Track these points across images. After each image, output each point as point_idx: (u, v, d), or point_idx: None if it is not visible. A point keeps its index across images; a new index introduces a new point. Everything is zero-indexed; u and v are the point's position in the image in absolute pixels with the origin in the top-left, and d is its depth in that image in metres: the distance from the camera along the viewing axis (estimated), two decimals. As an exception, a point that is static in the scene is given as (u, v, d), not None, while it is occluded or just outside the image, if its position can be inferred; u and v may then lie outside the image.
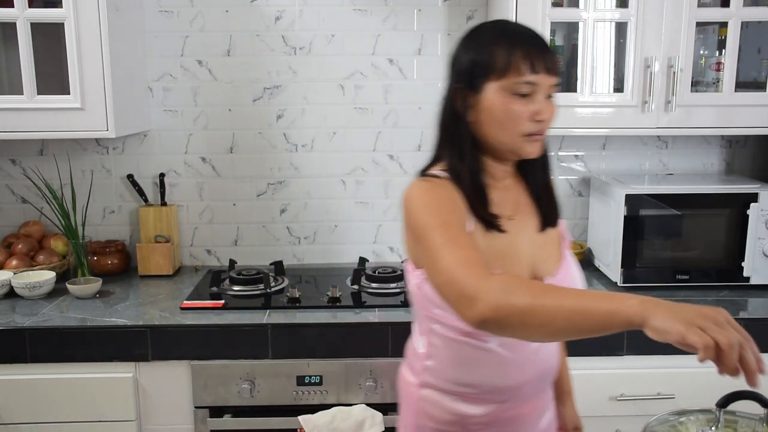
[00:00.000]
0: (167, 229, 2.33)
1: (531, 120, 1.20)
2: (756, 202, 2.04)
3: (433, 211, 1.17)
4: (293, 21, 2.31)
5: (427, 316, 1.30)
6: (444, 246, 1.09)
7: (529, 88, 1.18)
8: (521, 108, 1.19)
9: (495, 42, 1.20)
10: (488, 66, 1.20)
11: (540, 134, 1.22)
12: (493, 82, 1.19)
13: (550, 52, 1.20)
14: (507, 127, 1.20)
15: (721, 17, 2.01)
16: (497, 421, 1.31)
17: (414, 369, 1.37)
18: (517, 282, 1.00)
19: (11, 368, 1.85)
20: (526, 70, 1.17)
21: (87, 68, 1.97)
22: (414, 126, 2.38)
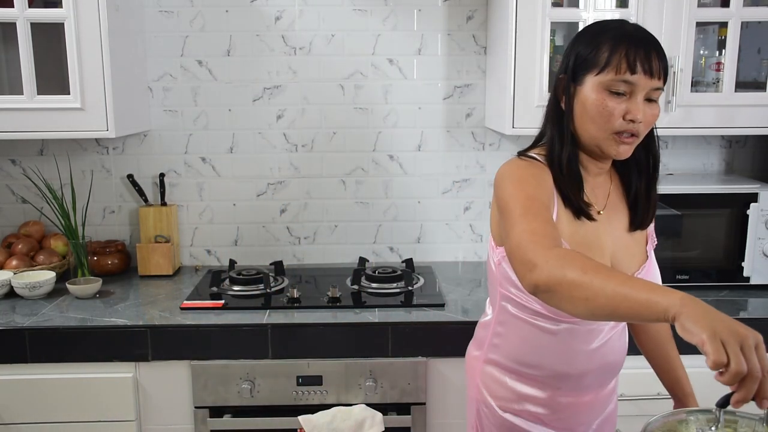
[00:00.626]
0: (167, 229, 2.33)
1: (623, 119, 1.21)
2: (756, 202, 2.04)
3: (521, 186, 1.21)
4: (293, 21, 2.31)
5: (502, 293, 1.34)
6: (522, 216, 1.13)
7: (626, 87, 1.20)
8: (614, 105, 1.20)
9: (602, 38, 1.22)
10: (590, 60, 1.22)
11: (632, 135, 1.22)
12: (593, 76, 1.22)
13: (656, 55, 1.20)
14: (597, 122, 1.22)
15: (721, 17, 2.01)
16: (555, 407, 1.35)
17: (481, 345, 1.43)
18: (575, 256, 1.02)
19: (11, 368, 1.85)
20: (625, 69, 1.19)
21: (87, 68, 1.97)
22: (414, 126, 2.39)
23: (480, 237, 2.47)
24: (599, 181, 1.34)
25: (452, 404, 1.91)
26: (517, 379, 1.36)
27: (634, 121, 1.20)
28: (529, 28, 1.97)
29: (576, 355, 1.31)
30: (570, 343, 1.30)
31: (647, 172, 1.34)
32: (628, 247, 1.34)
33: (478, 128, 2.39)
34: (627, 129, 1.21)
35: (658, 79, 1.20)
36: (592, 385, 1.36)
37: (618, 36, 1.21)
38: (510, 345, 1.36)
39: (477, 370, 1.43)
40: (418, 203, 2.44)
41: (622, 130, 1.21)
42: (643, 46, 1.19)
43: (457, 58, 2.35)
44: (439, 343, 1.87)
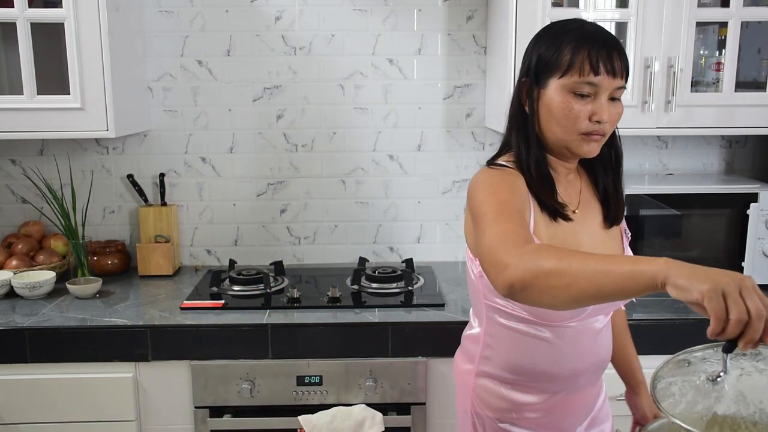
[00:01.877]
0: (167, 229, 2.33)
1: (589, 120, 1.21)
2: (756, 202, 2.04)
3: (493, 191, 1.19)
4: (293, 21, 2.31)
5: (488, 305, 1.34)
6: (493, 221, 1.10)
7: (590, 89, 1.20)
8: (580, 107, 1.21)
9: (563, 40, 1.22)
10: (552, 62, 1.22)
11: (598, 134, 1.23)
12: (556, 79, 1.22)
13: (617, 55, 1.20)
14: (564, 125, 1.22)
15: (721, 17, 2.01)
16: (551, 410, 1.35)
17: (471, 358, 1.42)
18: (547, 247, 1.00)
19: (11, 368, 1.85)
20: (588, 70, 1.19)
21: (87, 68, 1.97)
22: (414, 126, 2.39)
23: (480, 237, 2.46)
24: (569, 180, 1.34)
25: (452, 404, 1.90)
26: (513, 388, 1.35)
27: (600, 122, 1.21)
28: (529, 28, 1.97)
29: (569, 357, 1.31)
30: (561, 346, 1.30)
31: (612, 168, 1.35)
32: (605, 243, 1.34)
33: (478, 128, 2.39)
34: (593, 130, 1.21)
35: (620, 79, 1.21)
36: (585, 384, 1.37)
37: (579, 37, 1.21)
38: (502, 355, 1.35)
39: (469, 384, 1.41)
40: (418, 203, 2.44)
41: (589, 131, 1.22)
42: (605, 47, 1.19)
43: (457, 58, 2.35)
44: (439, 343, 1.87)
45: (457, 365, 1.48)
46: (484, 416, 1.39)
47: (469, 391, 1.41)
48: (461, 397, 1.46)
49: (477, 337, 1.40)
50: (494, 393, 1.37)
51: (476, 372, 1.40)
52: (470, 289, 1.40)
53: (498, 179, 1.24)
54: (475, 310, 1.42)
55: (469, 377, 1.42)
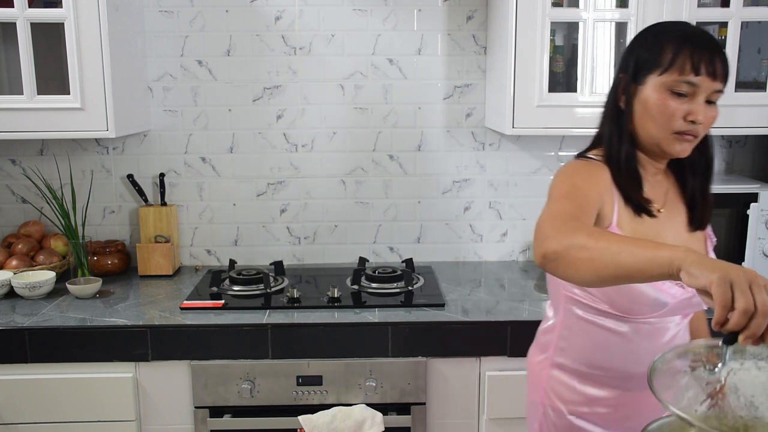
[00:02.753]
0: (167, 229, 2.33)
1: (684, 119, 1.22)
2: (756, 202, 2.03)
3: (567, 176, 1.25)
4: (293, 21, 2.31)
5: (567, 296, 1.35)
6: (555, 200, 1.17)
7: (688, 89, 1.21)
8: (677, 106, 1.22)
9: (666, 38, 1.23)
10: (653, 60, 1.23)
11: (691, 135, 1.23)
12: (655, 77, 1.23)
13: (719, 58, 1.21)
14: (659, 122, 1.24)
15: (721, 17, 2.01)
16: (621, 407, 1.35)
17: (545, 349, 1.43)
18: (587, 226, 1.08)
19: (11, 368, 1.85)
20: (689, 70, 1.20)
21: (87, 68, 1.97)
22: (414, 126, 2.39)
23: (480, 237, 2.47)
24: (657, 179, 1.35)
25: (452, 404, 1.92)
26: (585, 381, 1.36)
27: (695, 122, 1.22)
28: (529, 28, 1.97)
29: (644, 354, 1.32)
30: (637, 341, 1.31)
31: (702, 173, 1.36)
32: (689, 244, 1.34)
33: (478, 128, 2.39)
34: (688, 130, 1.23)
35: (720, 82, 1.21)
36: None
37: (682, 37, 1.22)
38: (577, 348, 1.36)
39: (542, 375, 1.43)
40: (418, 203, 2.44)
41: (682, 131, 1.23)
42: (707, 49, 1.20)
43: (457, 58, 2.35)
44: (439, 343, 1.87)
45: (530, 356, 1.50)
46: (555, 408, 1.40)
47: (541, 383, 1.42)
48: (533, 389, 1.46)
49: (552, 329, 1.41)
50: (567, 385, 1.38)
51: (550, 363, 1.41)
52: (549, 281, 1.41)
53: (580, 168, 1.28)
54: (553, 302, 1.42)
55: (542, 368, 1.43)
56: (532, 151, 2.41)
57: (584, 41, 2.01)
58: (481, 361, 1.89)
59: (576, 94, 2.04)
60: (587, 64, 2.02)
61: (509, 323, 1.87)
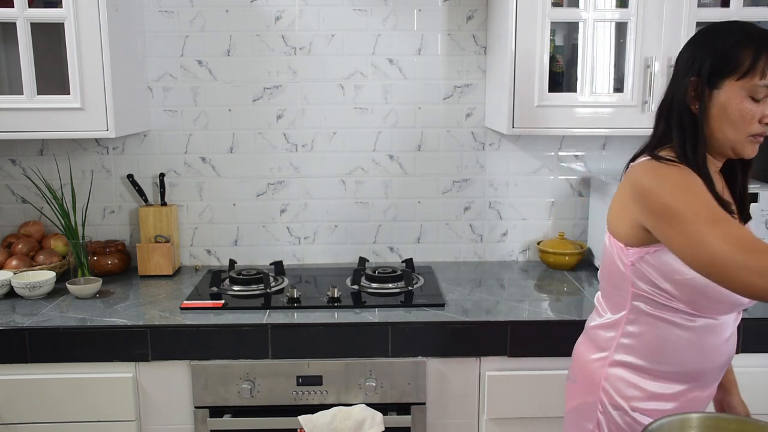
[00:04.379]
0: (167, 229, 2.33)
1: (760, 122, 1.25)
2: (756, 202, 2.03)
3: (690, 193, 1.20)
4: (293, 21, 2.31)
5: (635, 293, 1.34)
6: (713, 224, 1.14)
7: (766, 92, 1.23)
8: (755, 110, 1.24)
9: (742, 42, 1.24)
10: (732, 65, 1.24)
11: (762, 136, 1.26)
12: (734, 81, 1.24)
13: None
14: (738, 126, 1.26)
15: (721, 17, 2.01)
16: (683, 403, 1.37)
17: (604, 347, 1.42)
18: None
19: (11, 368, 1.85)
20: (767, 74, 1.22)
21: (87, 68, 1.97)
22: (414, 126, 2.39)
23: (480, 237, 2.47)
24: (716, 179, 1.35)
25: (452, 404, 1.92)
26: (649, 377, 1.36)
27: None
28: (529, 28, 1.97)
29: (709, 350, 1.34)
30: (705, 337, 1.32)
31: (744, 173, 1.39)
32: None
33: (478, 128, 2.39)
34: (762, 132, 1.26)
35: None
36: (713, 380, 1.40)
37: (759, 40, 1.23)
38: (644, 344, 1.36)
39: (601, 372, 1.41)
40: (418, 203, 2.44)
41: (758, 133, 1.26)
42: None
43: (457, 58, 2.35)
44: (439, 343, 1.87)
45: (584, 356, 1.47)
46: (617, 405, 1.38)
47: (599, 380, 1.41)
48: (587, 388, 1.44)
49: (614, 325, 1.40)
50: (628, 381, 1.38)
51: (610, 361, 1.40)
52: (610, 277, 1.39)
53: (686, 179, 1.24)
54: (613, 299, 1.40)
55: (600, 366, 1.41)
56: (532, 151, 2.41)
57: (584, 41, 2.01)
58: (481, 361, 1.89)
59: (576, 94, 2.04)
60: (587, 64, 2.02)
61: (509, 323, 1.87)
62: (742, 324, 1.83)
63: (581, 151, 2.42)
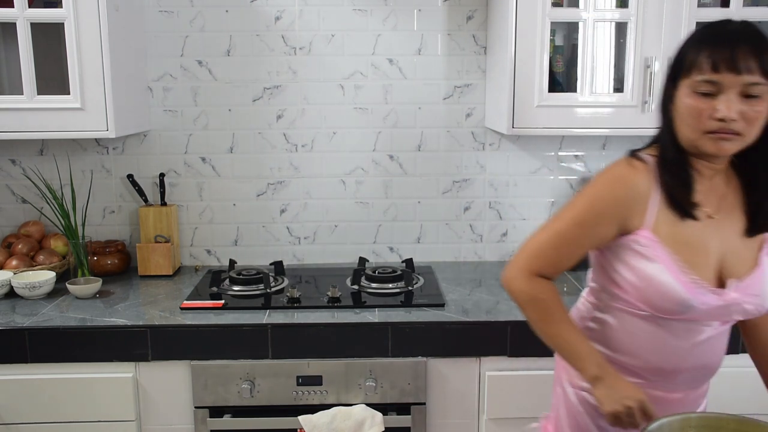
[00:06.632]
0: (167, 229, 2.33)
1: (713, 118, 1.20)
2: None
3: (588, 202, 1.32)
4: (293, 21, 2.31)
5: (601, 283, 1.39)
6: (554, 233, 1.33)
7: (710, 87, 1.20)
8: (703, 106, 1.21)
9: (691, 40, 1.25)
10: (680, 64, 1.25)
11: (726, 133, 1.21)
12: (685, 79, 1.23)
13: (746, 51, 1.18)
14: (690, 124, 1.24)
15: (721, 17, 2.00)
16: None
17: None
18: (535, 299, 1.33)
19: (11, 368, 1.85)
20: (707, 68, 1.19)
21: (87, 68, 1.97)
22: (414, 126, 2.39)
23: (480, 237, 2.47)
24: (714, 183, 1.32)
25: (452, 404, 1.92)
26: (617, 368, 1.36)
27: (722, 119, 1.19)
28: (529, 28, 1.97)
29: (671, 351, 1.32)
30: (666, 337, 1.31)
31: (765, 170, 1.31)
32: (738, 252, 1.31)
33: (478, 128, 2.39)
34: (719, 128, 1.20)
35: (749, 74, 1.18)
36: (683, 384, 1.37)
37: (704, 37, 1.23)
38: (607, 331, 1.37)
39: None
40: (418, 203, 2.44)
41: (713, 130, 1.21)
42: (727, 44, 1.19)
43: (457, 58, 2.35)
44: (439, 343, 1.87)
45: None
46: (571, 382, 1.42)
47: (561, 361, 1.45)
48: (558, 362, 1.49)
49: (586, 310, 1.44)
50: None
51: None
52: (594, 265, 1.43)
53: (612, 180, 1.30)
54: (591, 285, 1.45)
55: None
56: (532, 151, 2.41)
57: (584, 41, 2.01)
58: (481, 361, 1.89)
59: (576, 94, 2.04)
60: (587, 64, 2.02)
61: (509, 323, 1.87)
62: (742, 324, 1.84)
63: (581, 151, 2.42)
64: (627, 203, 1.28)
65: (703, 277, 1.27)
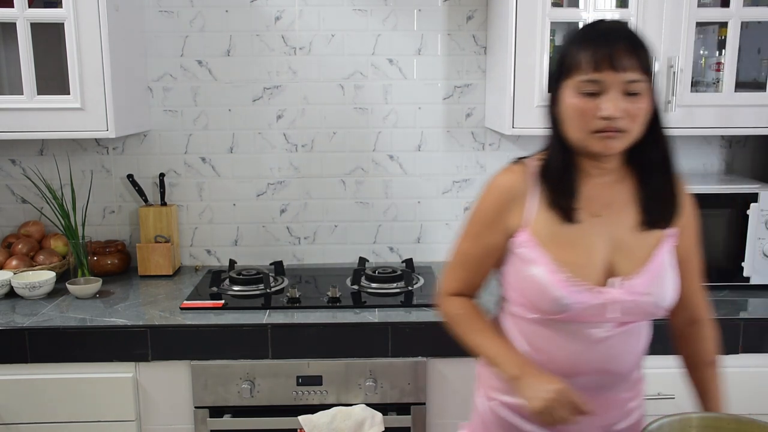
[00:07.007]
0: (167, 229, 2.33)
1: (598, 117, 1.20)
2: (756, 202, 2.03)
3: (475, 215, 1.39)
4: (293, 21, 2.31)
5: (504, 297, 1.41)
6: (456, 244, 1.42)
7: (593, 87, 1.20)
8: (586, 105, 1.21)
9: (571, 41, 1.25)
10: (562, 65, 1.25)
11: (612, 131, 1.20)
12: (567, 80, 1.23)
13: (624, 50, 1.19)
14: (576, 125, 1.23)
15: (721, 17, 2.01)
16: None
17: None
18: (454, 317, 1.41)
19: (11, 368, 1.85)
20: (589, 68, 1.19)
21: (87, 68, 1.97)
22: (414, 126, 2.39)
23: (480, 237, 2.46)
24: (605, 182, 1.32)
25: (452, 404, 1.91)
26: None
27: (608, 118, 1.19)
28: (529, 28, 1.97)
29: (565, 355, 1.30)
30: (556, 339, 1.30)
31: (660, 171, 1.31)
32: (629, 249, 1.30)
33: (478, 128, 2.39)
34: (604, 127, 1.20)
35: (629, 72, 1.18)
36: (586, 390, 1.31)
37: (583, 36, 1.23)
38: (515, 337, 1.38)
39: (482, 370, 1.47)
40: (418, 203, 2.44)
41: (599, 129, 1.20)
42: (606, 43, 1.19)
43: (457, 58, 2.35)
44: (439, 343, 1.87)
45: None
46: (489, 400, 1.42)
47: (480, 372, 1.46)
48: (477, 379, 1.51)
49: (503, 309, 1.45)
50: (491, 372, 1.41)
51: None
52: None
53: (493, 190, 1.36)
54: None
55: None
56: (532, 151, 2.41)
57: (584, 41, 2.01)
58: (481, 361, 1.89)
59: (576, 94, 2.03)
60: (587, 64, 2.02)
61: (509, 323, 1.87)
62: (742, 324, 1.85)
63: (581, 151, 2.42)
64: (504, 206, 1.32)
65: (588, 276, 1.26)
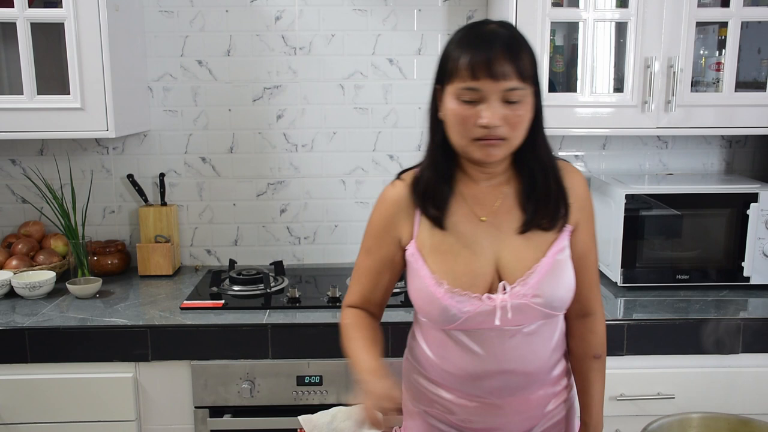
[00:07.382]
0: (167, 229, 2.33)
1: (477, 126, 1.19)
2: (756, 202, 2.04)
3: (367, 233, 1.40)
4: (293, 21, 2.31)
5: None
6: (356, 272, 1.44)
7: (472, 95, 1.18)
8: (466, 113, 1.19)
9: (452, 46, 1.23)
10: (443, 70, 1.23)
11: (493, 139, 1.19)
12: (449, 86, 1.22)
13: (502, 58, 1.16)
14: (458, 132, 1.22)
15: (721, 17, 2.01)
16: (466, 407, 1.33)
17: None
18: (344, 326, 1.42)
19: (11, 368, 1.85)
20: (467, 76, 1.17)
21: (87, 68, 1.97)
22: (414, 126, 2.39)
23: (480, 237, 2.46)
24: (490, 185, 1.31)
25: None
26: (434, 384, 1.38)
27: (485, 126, 1.18)
28: (529, 28, 1.97)
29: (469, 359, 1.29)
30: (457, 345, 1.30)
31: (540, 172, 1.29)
32: (518, 252, 1.28)
33: (478, 128, 2.39)
34: (484, 135, 1.19)
35: (507, 80, 1.16)
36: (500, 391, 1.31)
37: (464, 42, 1.20)
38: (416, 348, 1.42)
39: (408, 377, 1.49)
40: (418, 203, 2.44)
41: (480, 137, 1.19)
42: (484, 51, 1.17)
43: (457, 58, 2.35)
44: (439, 343, 1.87)
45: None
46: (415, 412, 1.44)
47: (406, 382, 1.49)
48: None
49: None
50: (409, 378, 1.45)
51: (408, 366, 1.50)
52: None
53: (375, 215, 1.37)
54: None
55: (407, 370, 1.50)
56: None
57: (584, 41, 2.01)
58: (481, 361, 1.89)
59: (576, 94, 2.04)
60: (587, 64, 2.02)
61: (509, 323, 1.87)
62: (742, 324, 1.85)
63: (581, 151, 2.42)
64: (391, 219, 1.34)
65: (472, 284, 1.25)
